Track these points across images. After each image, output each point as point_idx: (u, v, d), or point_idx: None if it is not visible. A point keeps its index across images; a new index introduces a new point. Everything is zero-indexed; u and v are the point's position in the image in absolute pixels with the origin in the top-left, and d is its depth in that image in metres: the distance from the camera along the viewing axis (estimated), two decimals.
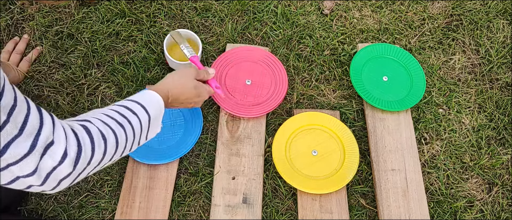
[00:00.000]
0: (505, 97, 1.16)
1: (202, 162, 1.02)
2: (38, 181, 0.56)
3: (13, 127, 0.50)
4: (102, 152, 0.64)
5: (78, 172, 0.61)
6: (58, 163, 0.57)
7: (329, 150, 1.03)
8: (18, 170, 0.53)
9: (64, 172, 0.58)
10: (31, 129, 0.53)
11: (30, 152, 0.53)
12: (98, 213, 0.96)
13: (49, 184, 0.58)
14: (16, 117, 0.50)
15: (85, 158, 0.60)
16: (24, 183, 0.56)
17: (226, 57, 1.10)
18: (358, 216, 0.99)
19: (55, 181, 0.58)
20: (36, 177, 0.55)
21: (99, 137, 0.64)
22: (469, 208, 1.02)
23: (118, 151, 0.68)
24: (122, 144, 0.68)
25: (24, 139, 0.52)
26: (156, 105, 0.76)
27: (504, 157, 1.08)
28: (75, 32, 1.14)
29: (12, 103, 0.50)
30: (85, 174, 0.64)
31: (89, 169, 0.63)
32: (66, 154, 0.57)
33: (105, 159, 0.66)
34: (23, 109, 0.52)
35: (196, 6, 1.21)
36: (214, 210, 0.95)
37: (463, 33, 1.24)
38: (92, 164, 0.63)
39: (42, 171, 0.55)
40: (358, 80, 1.10)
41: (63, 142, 0.57)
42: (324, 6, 1.25)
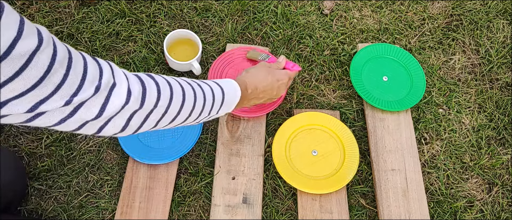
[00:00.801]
0: (505, 97, 1.16)
1: (202, 162, 1.02)
2: (104, 120, 0.57)
3: (75, 78, 0.51)
4: (168, 97, 0.64)
5: (146, 113, 0.61)
6: (125, 101, 0.58)
7: (329, 150, 1.03)
8: (85, 112, 0.54)
9: (131, 108, 0.59)
10: (92, 76, 0.54)
11: (95, 93, 0.54)
12: (98, 213, 0.96)
13: (116, 123, 0.59)
14: (75, 68, 0.52)
15: (151, 97, 0.61)
16: (93, 126, 0.57)
17: (226, 57, 1.10)
18: (358, 216, 0.99)
19: (123, 119, 0.59)
20: (103, 118, 0.56)
21: (163, 82, 0.65)
22: (469, 208, 1.02)
23: (186, 106, 0.68)
24: (190, 99, 0.68)
25: (88, 86, 0.53)
26: (231, 87, 0.78)
27: (504, 157, 1.08)
28: (75, 32, 1.14)
29: (68, 56, 0.51)
30: (153, 121, 0.64)
31: (156, 114, 0.63)
32: (130, 92, 0.58)
33: (173, 109, 0.65)
34: (80, 61, 0.54)
35: (196, 6, 1.21)
36: (214, 210, 0.95)
37: (463, 33, 1.24)
38: (159, 107, 0.63)
39: (109, 110, 0.56)
40: (358, 80, 1.10)
41: (124, 82, 0.58)
42: (324, 6, 1.25)
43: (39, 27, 0.49)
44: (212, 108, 0.74)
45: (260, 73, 0.87)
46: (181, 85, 0.68)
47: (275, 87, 0.88)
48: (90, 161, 1.01)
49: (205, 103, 0.72)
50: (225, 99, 0.76)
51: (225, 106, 0.77)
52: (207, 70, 1.12)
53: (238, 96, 0.79)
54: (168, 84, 0.65)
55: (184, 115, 0.69)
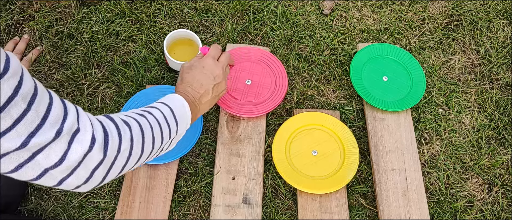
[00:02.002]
0: (505, 97, 1.16)
1: (202, 162, 1.02)
2: (67, 171, 0.54)
3: (35, 116, 0.49)
4: (128, 138, 0.61)
5: (110, 160, 0.58)
6: (88, 149, 0.54)
7: (329, 150, 1.03)
8: (44, 158, 0.51)
9: (95, 158, 0.56)
10: (55, 118, 0.51)
11: (56, 138, 0.51)
12: (98, 213, 0.96)
13: (80, 174, 0.55)
14: (37, 106, 0.49)
15: (113, 143, 0.58)
16: (53, 177, 0.54)
17: None
18: (358, 216, 0.99)
19: (86, 170, 0.56)
20: (64, 166, 0.53)
21: (122, 124, 0.62)
22: (469, 208, 1.02)
23: (146, 141, 0.65)
24: (148, 133, 0.66)
25: (48, 128, 0.50)
26: (173, 99, 0.75)
27: (504, 157, 1.08)
28: (75, 32, 1.14)
29: (33, 92, 0.49)
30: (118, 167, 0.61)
31: (121, 160, 0.61)
32: (95, 139, 0.55)
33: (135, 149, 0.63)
34: (45, 99, 0.51)
35: (196, 6, 1.21)
36: (214, 210, 0.95)
37: (463, 33, 1.24)
38: (122, 152, 0.60)
39: (70, 159, 0.53)
40: (358, 80, 1.10)
41: (89, 128, 0.55)
42: (324, 6, 1.25)
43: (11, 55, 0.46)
44: (170, 131, 0.71)
45: (184, 74, 0.84)
46: (137, 121, 0.65)
47: (207, 73, 0.84)
48: None
49: (161, 129, 0.69)
50: (175, 115, 0.73)
51: (181, 123, 0.74)
52: None
53: (186, 106, 0.76)
54: (127, 125, 0.63)
55: (147, 150, 0.66)
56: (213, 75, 0.85)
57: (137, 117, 0.67)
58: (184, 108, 0.76)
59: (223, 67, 0.87)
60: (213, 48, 0.89)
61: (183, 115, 0.75)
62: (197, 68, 0.84)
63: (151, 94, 1.04)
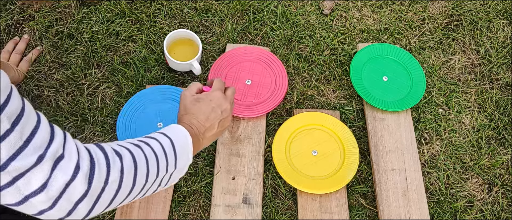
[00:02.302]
0: (505, 97, 1.16)
1: (202, 162, 1.02)
2: (48, 201, 0.51)
3: (18, 137, 0.47)
4: (118, 170, 0.58)
5: (96, 193, 0.55)
6: (70, 178, 0.51)
7: (329, 150, 1.03)
8: (25, 185, 0.49)
9: (78, 190, 0.53)
10: (39, 142, 0.49)
11: (37, 163, 0.49)
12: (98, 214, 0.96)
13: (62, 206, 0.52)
14: (22, 127, 0.47)
15: (100, 174, 0.55)
16: (33, 206, 0.51)
17: (226, 57, 1.11)
18: (358, 216, 0.99)
19: (69, 203, 0.52)
20: (44, 196, 0.50)
21: (112, 153, 0.58)
22: (469, 208, 1.02)
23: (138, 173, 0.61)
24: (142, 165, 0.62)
25: (31, 152, 0.48)
26: (175, 130, 0.71)
27: (504, 157, 1.08)
28: (75, 32, 1.14)
29: (19, 112, 0.47)
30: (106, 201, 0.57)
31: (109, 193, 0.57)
32: (79, 167, 0.52)
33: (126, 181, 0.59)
34: (32, 121, 0.49)
35: (196, 6, 1.21)
36: (214, 210, 0.95)
37: (463, 33, 1.24)
38: (110, 184, 0.56)
39: (52, 188, 0.50)
40: (358, 80, 1.10)
41: (74, 155, 0.53)
42: (324, 6, 1.25)
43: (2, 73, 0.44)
44: (168, 164, 0.67)
45: (189, 105, 0.79)
46: (130, 151, 0.62)
47: (214, 107, 0.79)
48: None
49: (158, 161, 0.65)
50: (176, 148, 0.69)
51: (181, 157, 0.70)
52: (207, 70, 1.12)
53: (189, 139, 0.72)
54: (118, 155, 0.59)
55: (140, 183, 0.62)
56: (220, 109, 0.80)
57: (131, 147, 0.63)
58: (187, 140, 0.72)
59: (231, 101, 0.83)
60: (218, 82, 0.85)
61: (184, 148, 0.71)
62: (204, 101, 0.79)
63: (151, 94, 1.04)
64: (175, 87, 1.06)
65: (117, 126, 1.00)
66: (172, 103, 1.04)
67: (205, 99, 0.80)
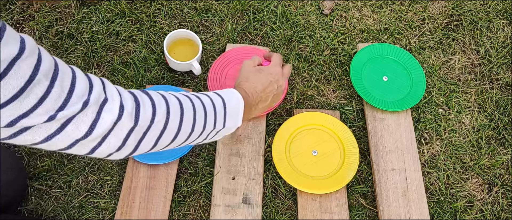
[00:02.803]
0: (505, 97, 1.16)
1: (202, 162, 1.02)
2: (97, 139, 0.53)
3: (60, 91, 0.48)
4: (164, 111, 0.60)
5: (142, 130, 0.57)
6: (117, 117, 0.53)
7: (329, 150, 1.03)
8: (74, 129, 0.50)
9: (126, 126, 0.55)
10: (81, 91, 0.50)
11: (83, 109, 0.50)
12: (98, 213, 0.96)
13: (111, 143, 0.55)
14: (61, 81, 0.49)
15: (146, 112, 0.57)
16: (85, 146, 0.53)
17: (226, 57, 1.10)
18: (358, 216, 0.99)
19: (117, 139, 0.55)
20: (94, 136, 0.52)
21: (158, 96, 0.61)
22: (469, 208, 1.02)
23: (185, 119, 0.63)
24: (189, 112, 0.64)
25: (75, 101, 0.50)
26: (229, 93, 0.74)
27: (504, 157, 1.08)
28: (75, 32, 1.14)
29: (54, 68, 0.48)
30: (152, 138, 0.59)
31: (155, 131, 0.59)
32: (123, 107, 0.54)
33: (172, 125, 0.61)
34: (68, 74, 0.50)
35: (196, 6, 1.21)
36: (214, 210, 0.95)
37: (463, 33, 1.24)
38: (156, 123, 0.58)
39: (101, 128, 0.52)
40: (358, 80, 1.10)
41: (117, 97, 0.55)
42: (324, 6, 1.25)
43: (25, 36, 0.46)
44: (216, 120, 0.69)
45: (251, 74, 0.84)
46: (178, 98, 0.64)
47: (273, 81, 0.85)
48: (90, 161, 1.01)
49: (206, 114, 0.67)
50: (227, 108, 0.71)
51: (230, 118, 0.72)
52: (207, 70, 1.12)
53: (241, 104, 0.74)
54: (163, 98, 0.62)
55: (185, 130, 0.64)
56: (277, 84, 0.86)
57: (180, 95, 0.65)
58: (239, 104, 0.74)
59: (286, 79, 0.89)
60: (277, 57, 0.90)
61: (235, 110, 0.73)
62: (264, 73, 0.85)
63: None
64: (175, 88, 1.06)
65: None
66: None
67: (266, 72, 0.85)
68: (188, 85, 1.10)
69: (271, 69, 0.87)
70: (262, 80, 0.83)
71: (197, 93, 0.70)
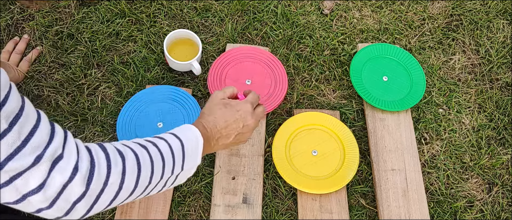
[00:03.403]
0: (505, 97, 1.16)
1: (202, 162, 1.02)
2: (45, 201, 0.51)
3: (16, 137, 0.46)
4: (119, 172, 0.57)
5: (95, 194, 0.54)
6: (68, 179, 0.51)
7: (329, 150, 1.03)
8: (23, 184, 0.49)
9: (76, 191, 0.52)
10: (37, 142, 0.49)
11: (35, 163, 0.48)
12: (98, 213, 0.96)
13: (60, 206, 0.52)
14: (21, 127, 0.47)
15: (100, 175, 0.54)
16: (31, 205, 0.51)
17: (226, 57, 1.11)
18: (358, 216, 0.99)
19: (66, 203, 0.52)
20: (42, 195, 0.50)
21: (115, 154, 0.58)
22: (469, 208, 1.02)
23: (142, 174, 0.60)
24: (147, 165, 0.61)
25: (28, 152, 0.48)
26: (188, 132, 0.70)
27: (504, 157, 1.08)
28: (75, 32, 1.14)
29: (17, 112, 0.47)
30: (105, 201, 0.57)
31: (109, 193, 0.56)
32: (77, 169, 0.52)
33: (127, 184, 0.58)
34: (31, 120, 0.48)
35: (196, 6, 1.21)
36: (214, 210, 0.95)
37: (463, 33, 1.24)
38: (110, 186, 0.56)
39: (49, 188, 0.50)
40: (358, 80, 1.10)
41: (74, 156, 0.52)
42: (324, 6, 1.25)
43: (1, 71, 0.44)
44: (174, 166, 0.66)
45: (215, 107, 0.77)
46: (135, 152, 0.61)
47: (238, 118, 0.77)
48: None
49: (164, 163, 0.64)
50: (185, 150, 0.67)
51: (189, 159, 0.68)
52: (207, 70, 1.12)
53: (200, 142, 0.70)
54: (121, 156, 0.58)
55: (142, 184, 0.61)
56: (243, 123, 0.77)
57: (136, 147, 0.62)
58: (198, 143, 0.70)
59: (257, 120, 0.81)
60: (253, 95, 0.82)
61: (193, 150, 0.69)
62: (231, 109, 0.77)
63: (151, 94, 1.04)
64: (175, 87, 1.06)
65: (117, 126, 1.00)
66: (172, 103, 1.04)
67: (233, 108, 0.77)
68: (188, 85, 1.10)
69: (240, 105, 0.78)
70: (226, 116, 0.76)
71: (154, 139, 0.66)
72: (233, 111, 0.77)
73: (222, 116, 0.76)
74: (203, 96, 1.10)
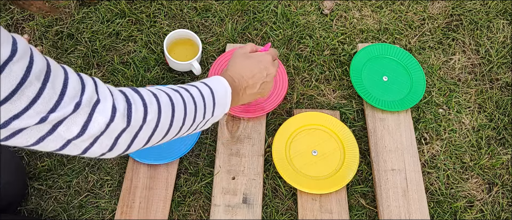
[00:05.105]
0: (505, 97, 1.16)
1: (202, 162, 1.02)
2: (89, 140, 0.53)
3: (52, 92, 0.48)
4: (155, 110, 0.60)
5: (134, 130, 0.57)
6: (109, 119, 0.54)
7: (329, 150, 1.03)
8: (66, 130, 0.51)
9: (118, 127, 0.55)
10: (72, 92, 0.50)
11: (75, 110, 0.50)
12: (98, 213, 0.96)
13: (103, 143, 0.55)
14: (53, 83, 0.49)
15: (138, 113, 0.57)
16: (77, 147, 0.54)
17: (226, 57, 1.10)
18: (358, 216, 0.99)
19: (109, 139, 0.55)
20: (86, 137, 0.53)
21: (149, 95, 0.61)
22: (469, 208, 1.02)
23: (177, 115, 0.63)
24: (180, 107, 0.64)
25: (67, 102, 0.50)
26: (216, 81, 0.73)
27: (504, 157, 1.08)
28: (75, 32, 1.14)
29: (46, 69, 0.48)
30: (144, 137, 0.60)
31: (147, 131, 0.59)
32: (115, 108, 0.54)
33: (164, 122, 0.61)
34: (60, 75, 0.50)
35: (196, 6, 1.21)
36: (214, 210, 0.95)
37: (463, 33, 1.24)
38: (148, 122, 0.59)
39: (93, 129, 0.53)
40: (358, 80, 1.10)
41: (109, 98, 0.55)
42: (324, 6, 1.25)
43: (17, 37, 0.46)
44: (205, 111, 0.70)
45: (239, 60, 0.83)
46: (168, 94, 0.64)
47: (262, 68, 0.83)
48: (90, 161, 1.01)
49: (196, 107, 0.68)
50: (215, 97, 0.71)
51: (219, 106, 0.72)
52: (207, 70, 1.12)
53: (228, 91, 0.74)
54: (155, 96, 0.62)
55: (177, 125, 0.65)
56: (266, 71, 0.84)
57: (169, 91, 0.65)
58: (226, 93, 0.74)
59: (277, 68, 0.87)
60: (273, 50, 0.89)
61: (222, 99, 0.73)
62: (253, 60, 0.84)
63: None
64: None
65: None
66: None
67: (255, 59, 0.84)
68: None
69: (261, 57, 0.85)
70: (250, 66, 0.82)
71: (185, 86, 0.70)
72: (256, 61, 0.83)
73: (247, 67, 0.82)
74: None
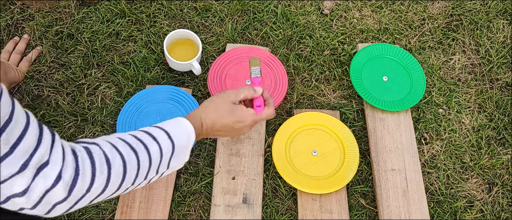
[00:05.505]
0: (505, 97, 1.16)
1: (202, 162, 1.02)
2: (28, 203, 0.52)
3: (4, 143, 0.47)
4: (104, 179, 0.58)
5: (76, 199, 0.56)
6: (50, 186, 0.52)
7: (329, 150, 1.03)
8: (8, 189, 0.50)
9: (58, 196, 0.54)
10: (25, 148, 0.49)
11: (21, 171, 0.50)
12: (98, 213, 0.96)
13: (41, 208, 0.54)
14: (9, 134, 0.47)
15: (83, 184, 0.55)
16: (15, 204, 0.53)
17: (226, 57, 1.10)
18: (358, 216, 0.99)
19: (47, 205, 0.54)
20: (25, 198, 0.52)
21: (102, 162, 0.58)
22: (469, 208, 1.02)
23: (126, 179, 0.61)
24: (132, 172, 0.62)
25: (15, 159, 0.48)
26: (183, 132, 0.70)
27: (504, 157, 1.08)
28: (75, 32, 1.14)
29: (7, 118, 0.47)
30: (86, 202, 0.58)
31: (90, 197, 0.58)
32: (60, 177, 0.53)
33: (110, 188, 0.59)
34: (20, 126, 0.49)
35: (196, 6, 1.21)
36: (214, 210, 0.95)
37: (463, 33, 1.24)
38: (92, 191, 0.57)
39: (32, 193, 0.52)
40: (358, 80, 1.10)
41: (58, 163, 0.53)
42: (324, 6, 1.25)
43: None
44: (159, 167, 0.67)
45: (221, 109, 0.76)
46: (123, 159, 0.60)
47: (235, 128, 0.78)
48: None
49: (151, 166, 0.65)
50: (175, 150, 0.68)
51: (175, 158, 0.69)
52: (207, 70, 1.12)
53: (191, 142, 0.71)
54: (107, 164, 0.58)
55: (124, 187, 0.62)
56: (241, 131, 0.80)
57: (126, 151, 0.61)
58: (189, 142, 0.71)
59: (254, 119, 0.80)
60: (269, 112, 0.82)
61: (182, 150, 0.70)
62: (235, 115, 0.77)
63: (151, 94, 1.04)
64: (175, 87, 1.06)
65: (117, 126, 1.00)
66: (172, 103, 1.04)
67: (237, 116, 0.77)
68: (188, 85, 1.10)
69: (245, 116, 0.78)
70: (227, 120, 0.76)
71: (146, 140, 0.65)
72: (237, 119, 0.77)
73: (225, 119, 0.76)
74: (203, 96, 1.10)
